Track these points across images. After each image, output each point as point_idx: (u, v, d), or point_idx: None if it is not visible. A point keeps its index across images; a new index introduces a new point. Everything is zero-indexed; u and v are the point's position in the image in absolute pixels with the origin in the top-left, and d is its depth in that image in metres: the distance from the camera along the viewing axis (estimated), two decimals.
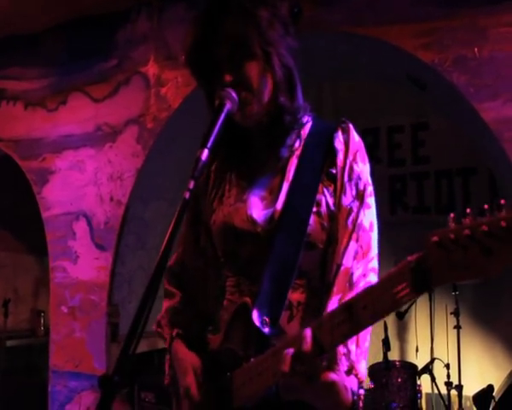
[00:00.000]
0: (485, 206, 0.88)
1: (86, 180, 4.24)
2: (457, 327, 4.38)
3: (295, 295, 1.38)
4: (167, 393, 1.57)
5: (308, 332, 1.14)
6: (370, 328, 1.31)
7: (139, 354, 1.14)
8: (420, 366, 4.13)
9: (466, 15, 3.24)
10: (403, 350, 5.05)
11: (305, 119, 1.48)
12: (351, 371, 1.24)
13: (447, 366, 4.35)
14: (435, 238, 0.93)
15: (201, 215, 1.55)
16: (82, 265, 4.20)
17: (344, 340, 1.17)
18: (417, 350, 4.66)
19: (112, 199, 4.12)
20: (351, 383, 1.23)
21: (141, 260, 4.26)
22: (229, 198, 1.48)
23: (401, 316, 4.47)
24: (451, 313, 4.42)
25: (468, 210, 0.90)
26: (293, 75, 1.42)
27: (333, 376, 1.19)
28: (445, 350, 4.55)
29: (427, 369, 4.17)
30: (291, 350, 1.15)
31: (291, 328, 1.34)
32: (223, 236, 1.46)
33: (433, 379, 4.23)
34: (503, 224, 0.85)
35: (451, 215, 0.92)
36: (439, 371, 4.33)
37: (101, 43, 4.24)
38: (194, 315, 1.59)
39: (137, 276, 4.23)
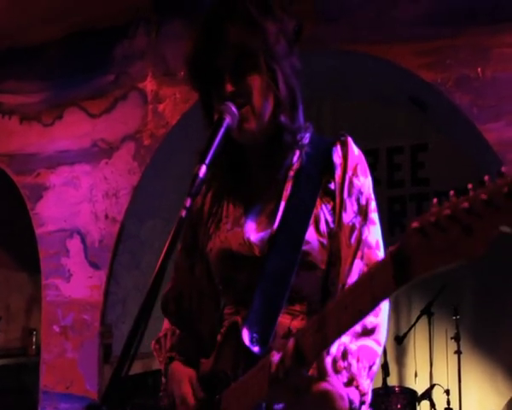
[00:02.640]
0: (470, 185, 0.82)
1: (81, 197, 4.17)
2: (458, 352, 4.33)
3: (295, 323, 1.32)
4: None
5: (291, 342, 1.10)
6: (379, 353, 1.25)
7: (132, 375, 1.07)
8: (419, 392, 4.08)
9: (469, 35, 3.21)
10: (401, 375, 4.97)
11: (304, 136, 1.42)
12: (351, 382, 1.18)
13: (447, 391, 4.30)
14: (415, 224, 0.87)
15: (198, 245, 1.50)
16: (75, 283, 4.12)
17: (326, 345, 1.09)
18: (416, 375, 4.59)
19: (107, 217, 4.07)
20: (351, 393, 1.17)
21: (135, 280, 4.19)
22: (226, 224, 1.43)
23: (400, 340, 4.41)
24: (452, 338, 4.38)
25: (451, 192, 0.84)
26: (296, 95, 1.37)
27: (325, 385, 1.14)
28: (445, 376, 4.49)
29: (427, 395, 4.12)
30: (277, 356, 1.11)
31: None
32: (220, 262, 1.40)
33: (432, 405, 4.17)
34: (484, 196, 0.78)
35: (434, 200, 0.85)
36: (438, 397, 4.27)
37: (98, 59, 4.20)
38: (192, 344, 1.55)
39: (132, 296, 4.17)
